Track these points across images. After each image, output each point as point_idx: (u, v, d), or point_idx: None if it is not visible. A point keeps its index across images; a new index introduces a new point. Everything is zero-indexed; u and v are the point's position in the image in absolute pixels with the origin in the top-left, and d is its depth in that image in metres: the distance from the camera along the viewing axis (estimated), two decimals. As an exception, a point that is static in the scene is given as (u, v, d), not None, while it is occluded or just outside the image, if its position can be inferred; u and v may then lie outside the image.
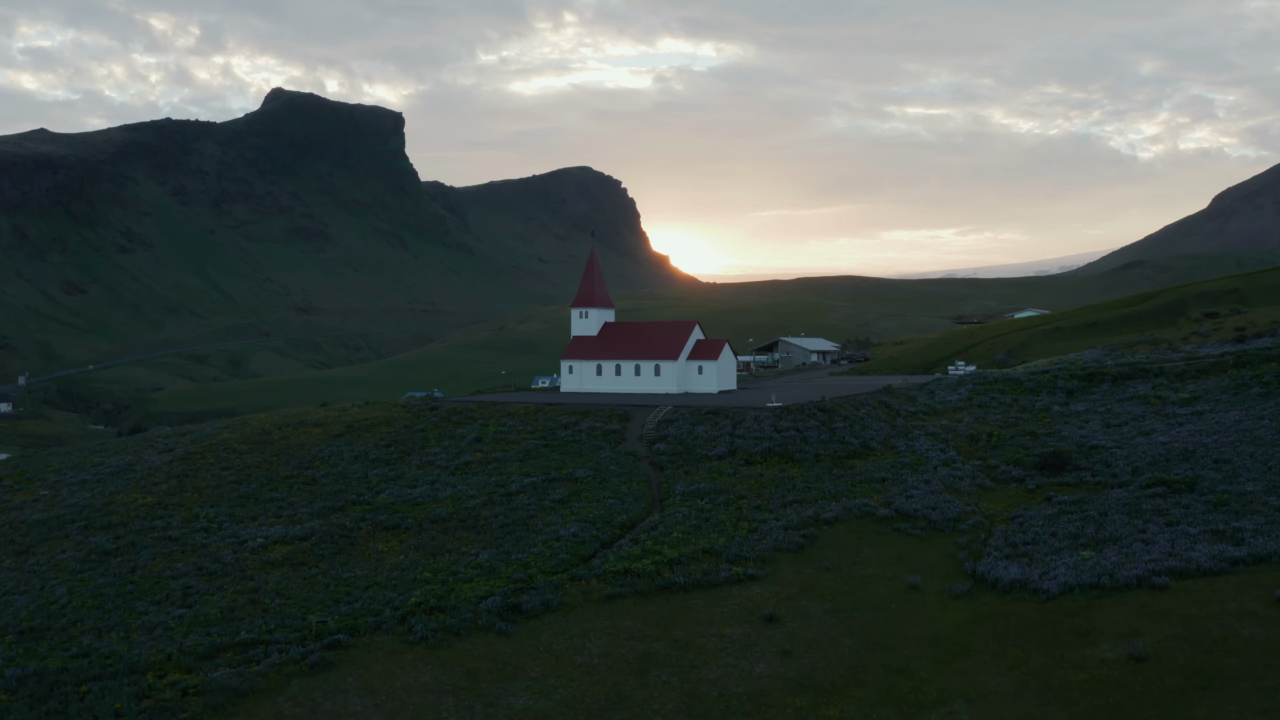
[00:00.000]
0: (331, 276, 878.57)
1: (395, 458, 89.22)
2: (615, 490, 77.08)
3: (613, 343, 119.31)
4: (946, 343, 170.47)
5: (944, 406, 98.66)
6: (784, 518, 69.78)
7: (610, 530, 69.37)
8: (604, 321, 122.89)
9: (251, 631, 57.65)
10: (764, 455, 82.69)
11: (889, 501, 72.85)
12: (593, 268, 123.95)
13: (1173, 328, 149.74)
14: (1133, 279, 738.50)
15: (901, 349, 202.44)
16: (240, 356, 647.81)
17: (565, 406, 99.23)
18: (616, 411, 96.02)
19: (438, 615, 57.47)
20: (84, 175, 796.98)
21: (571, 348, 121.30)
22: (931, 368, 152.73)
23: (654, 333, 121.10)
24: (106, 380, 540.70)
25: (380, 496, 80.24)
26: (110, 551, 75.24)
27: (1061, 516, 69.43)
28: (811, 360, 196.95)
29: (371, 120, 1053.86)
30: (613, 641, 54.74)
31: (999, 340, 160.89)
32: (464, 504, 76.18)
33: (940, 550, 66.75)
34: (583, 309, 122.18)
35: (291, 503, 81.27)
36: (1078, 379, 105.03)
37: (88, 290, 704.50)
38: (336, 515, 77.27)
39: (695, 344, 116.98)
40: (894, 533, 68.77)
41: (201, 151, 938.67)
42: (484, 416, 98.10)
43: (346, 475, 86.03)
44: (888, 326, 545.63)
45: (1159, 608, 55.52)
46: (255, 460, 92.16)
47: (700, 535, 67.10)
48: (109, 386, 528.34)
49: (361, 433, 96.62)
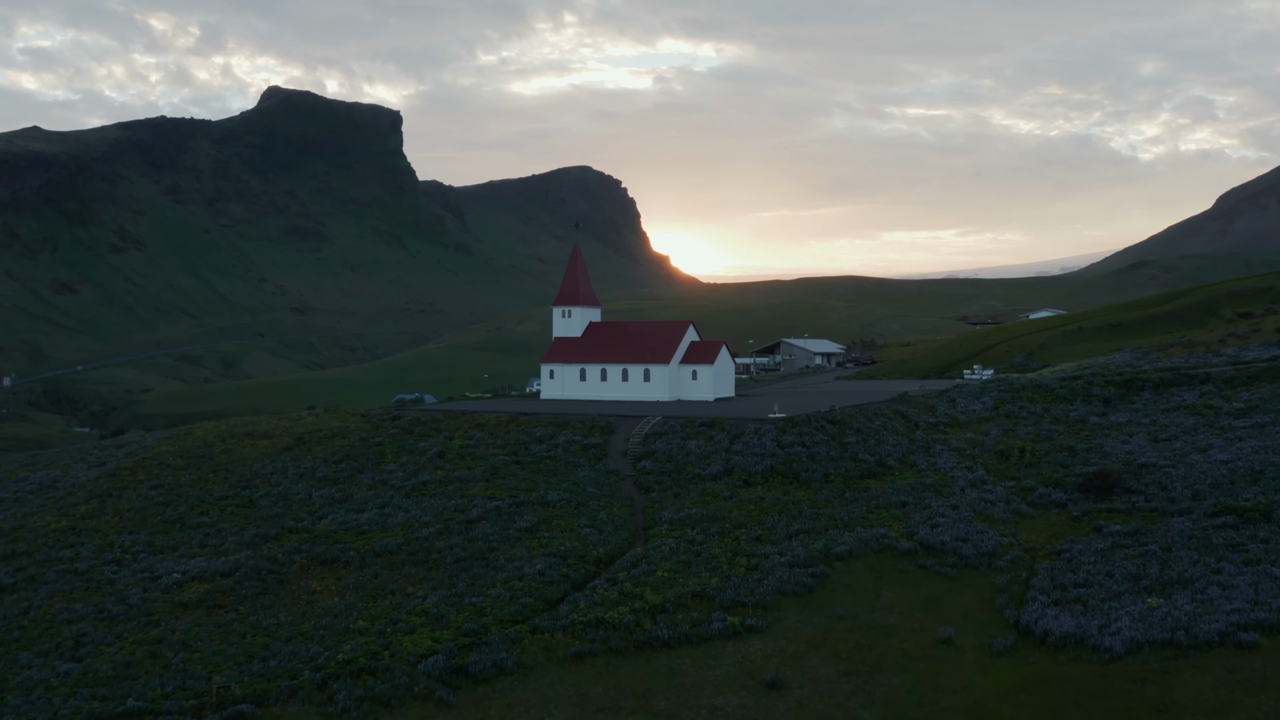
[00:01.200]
0: (327, 276, 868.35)
1: (345, 476, 78.54)
2: (592, 517, 66.44)
3: (598, 345, 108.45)
4: (960, 345, 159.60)
5: (968, 417, 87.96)
6: (789, 552, 59.21)
7: (583, 567, 58.77)
8: (589, 321, 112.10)
9: (141, 698, 47.23)
10: (765, 475, 72.04)
11: (911, 531, 62.26)
12: (577, 262, 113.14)
13: (1204, 329, 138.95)
14: (1139, 279, 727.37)
15: (910, 351, 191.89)
16: (233, 357, 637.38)
17: (542, 416, 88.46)
18: (599, 423, 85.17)
19: (367, 679, 47.04)
20: (76, 173, 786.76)
21: (553, 350, 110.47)
22: (946, 371, 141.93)
23: (644, 334, 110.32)
24: (95, 381, 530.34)
25: (322, 523, 69.59)
26: (6, 587, 64.67)
27: (1116, 552, 58.89)
28: (815, 363, 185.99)
29: (369, 119, 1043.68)
30: (579, 715, 44.33)
31: (1017, 342, 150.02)
32: (416, 533, 65.55)
33: (975, 592, 56.25)
34: (565, 307, 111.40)
35: (220, 529, 70.66)
36: (1115, 385, 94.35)
37: (79, 290, 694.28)
38: (269, 545, 66.64)
39: (689, 346, 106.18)
40: (919, 570, 58.24)
41: (196, 150, 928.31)
42: (450, 428, 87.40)
43: (287, 497, 75.38)
44: (891, 327, 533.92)
45: (1251, 673, 45.02)
46: (190, 478, 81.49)
47: (689, 574, 56.52)
48: (97, 388, 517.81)
49: (312, 446, 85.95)
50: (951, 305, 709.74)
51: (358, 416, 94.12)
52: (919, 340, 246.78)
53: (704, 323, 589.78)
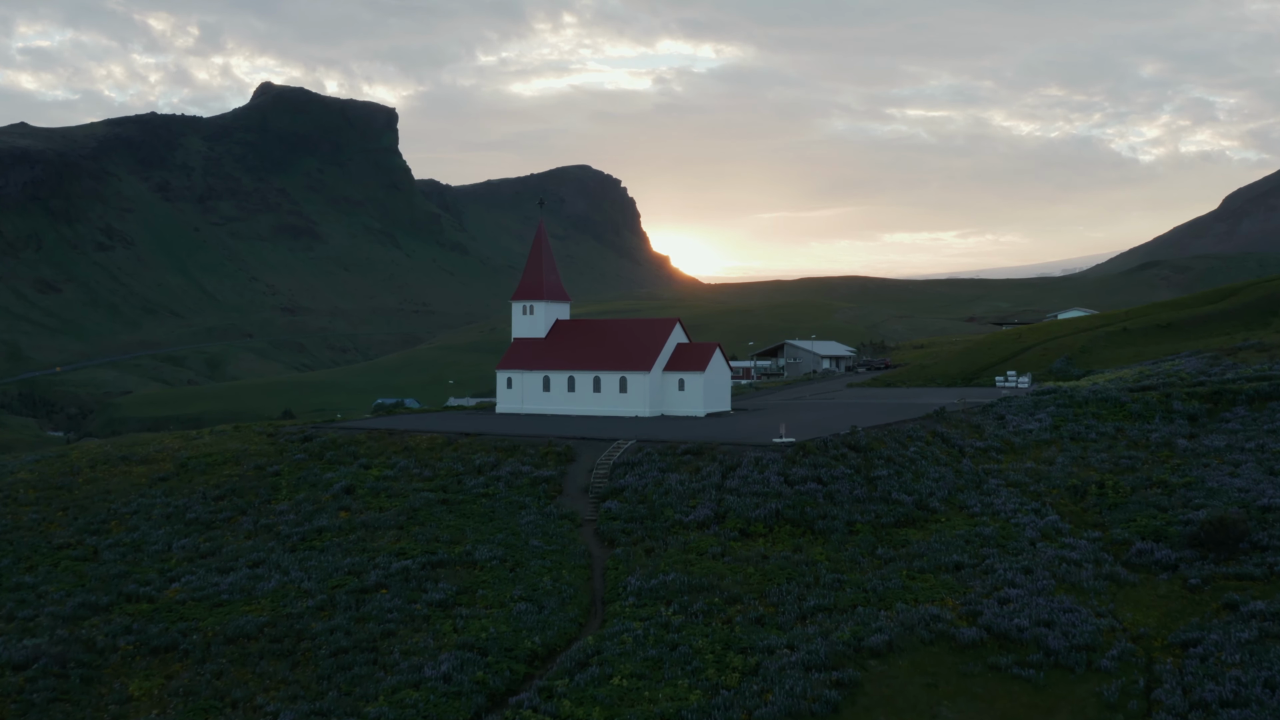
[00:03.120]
0: (320, 276, 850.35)
1: (222, 518, 60.61)
2: (532, 584, 48.61)
3: (566, 347, 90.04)
4: (988, 348, 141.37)
5: (1023, 440, 70.02)
6: (803, 644, 41.54)
7: (508, 667, 41.08)
8: (555, 319, 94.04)
9: None
10: (769, 522, 54.18)
11: (973, 610, 44.53)
12: (541, 247, 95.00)
13: (1269, 330, 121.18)
14: (1150, 279, 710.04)
15: (927, 354, 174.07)
16: (219, 359, 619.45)
17: (487, 439, 70.23)
18: (555, 448, 66.86)
19: None
20: (63, 170, 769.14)
21: (511, 354, 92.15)
22: (975, 379, 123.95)
23: (620, 334, 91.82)
24: (73, 383, 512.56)
25: (172, 588, 51.75)
26: None
27: (1271, 646, 41.13)
28: (823, 367, 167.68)
29: (364, 116, 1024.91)
30: None
31: (1054, 345, 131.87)
32: (289, 606, 47.70)
33: (1073, 712, 38.56)
34: (526, 302, 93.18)
35: (42, 594, 52.87)
36: (1199, 399, 76.48)
37: (62, 289, 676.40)
38: (92, 622, 48.79)
39: (676, 350, 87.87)
40: (988, 674, 40.58)
41: (187, 147, 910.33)
42: (371, 452, 69.43)
43: (140, 547, 57.54)
44: (897, 328, 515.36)
45: None
46: (32, 517, 63.63)
47: (659, 681, 38.90)
48: (75, 390, 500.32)
49: (194, 475, 68.01)
50: (957, 306, 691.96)
51: (263, 436, 76.16)
52: (934, 342, 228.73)
53: (704, 323, 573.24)
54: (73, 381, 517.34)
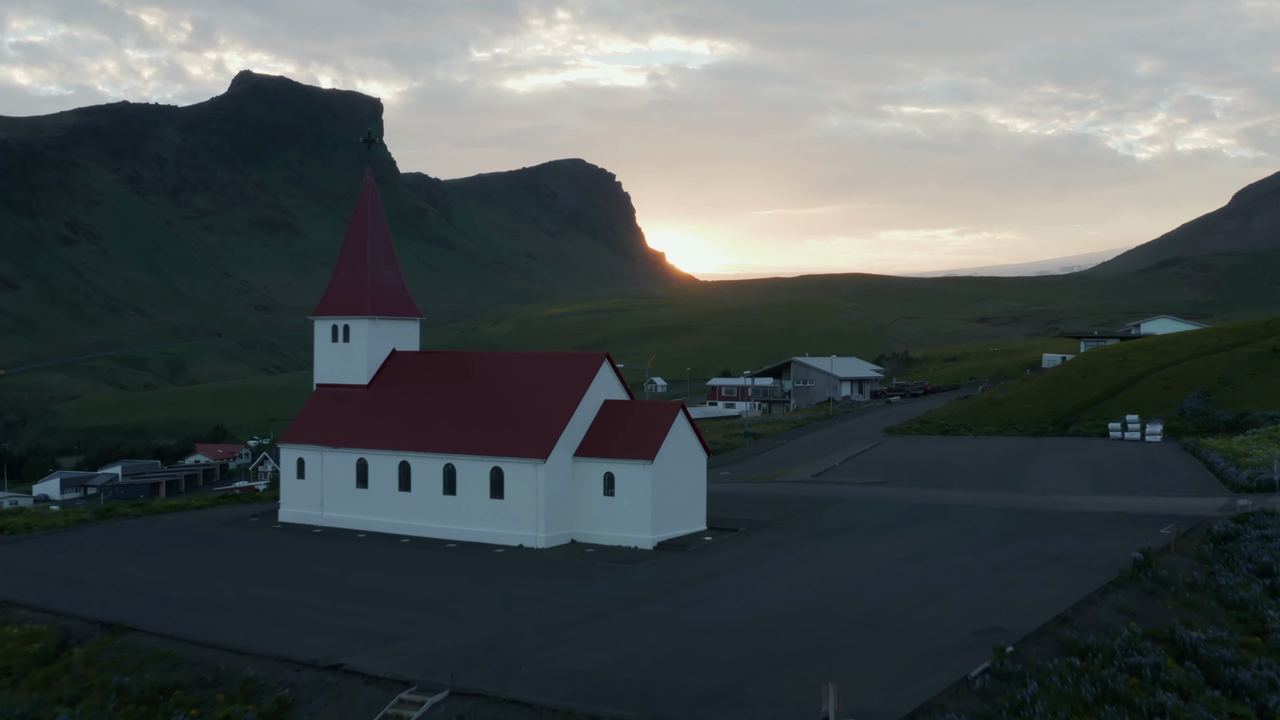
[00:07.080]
0: (297, 272, 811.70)
1: None
2: None
3: (403, 405, 52.24)
4: (1079, 376, 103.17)
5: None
6: None
7: None
8: (390, 350, 55.52)
9: None
10: None
11: None
12: (364, 225, 56.94)
13: None
14: (1172, 278, 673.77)
15: (962, 368, 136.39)
16: (182, 360, 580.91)
17: (132, 648, 32.19)
18: (252, 683, 28.30)
19: None
20: (26, 160, 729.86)
21: (307, 414, 54.46)
22: (1070, 423, 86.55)
23: (505, 381, 52.13)
24: (17, 387, 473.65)
25: None
26: None
27: None
28: (843, 394, 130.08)
29: (347, 106, 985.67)
30: None
31: (1175, 372, 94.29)
32: None
33: None
34: (336, 320, 55.00)
35: None
36: None
37: (19, 285, 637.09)
38: None
39: (603, 411, 49.23)
40: None
41: (160, 137, 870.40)
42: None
43: None
44: (908, 330, 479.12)
45: None
46: None
47: None
48: (17, 395, 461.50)
49: None
50: (966, 305, 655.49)
51: None
52: (967, 353, 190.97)
53: (699, 324, 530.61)
54: (16, 385, 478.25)
